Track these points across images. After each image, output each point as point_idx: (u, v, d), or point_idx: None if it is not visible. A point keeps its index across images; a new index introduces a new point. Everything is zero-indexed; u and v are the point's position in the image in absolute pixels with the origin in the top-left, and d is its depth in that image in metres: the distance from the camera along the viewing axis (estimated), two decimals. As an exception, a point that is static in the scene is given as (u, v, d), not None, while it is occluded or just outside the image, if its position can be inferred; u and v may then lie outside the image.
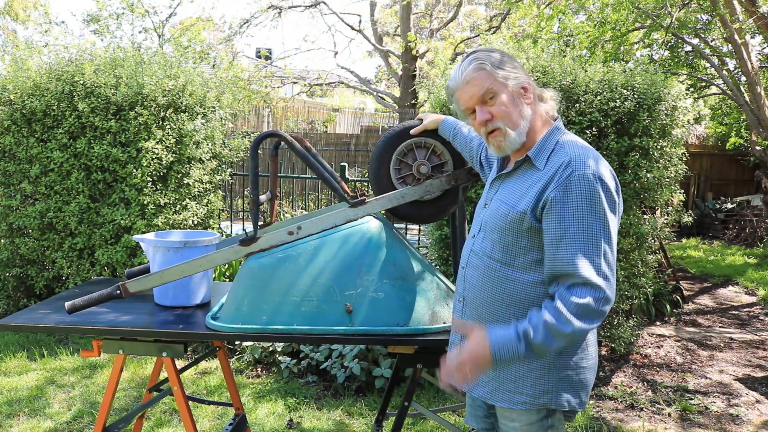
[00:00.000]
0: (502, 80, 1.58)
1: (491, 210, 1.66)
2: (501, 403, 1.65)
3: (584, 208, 1.47)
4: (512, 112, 1.59)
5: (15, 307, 4.99)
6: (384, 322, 2.04)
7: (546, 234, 1.52)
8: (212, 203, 5.21)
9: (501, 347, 1.48)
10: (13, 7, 20.81)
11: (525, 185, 1.59)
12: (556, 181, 1.50)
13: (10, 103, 4.67)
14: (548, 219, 1.51)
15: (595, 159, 1.53)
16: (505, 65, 1.59)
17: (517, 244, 1.58)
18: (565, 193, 1.49)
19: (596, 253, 1.47)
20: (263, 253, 2.08)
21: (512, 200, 1.60)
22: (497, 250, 1.61)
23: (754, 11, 6.08)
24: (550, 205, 1.50)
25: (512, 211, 1.58)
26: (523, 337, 1.47)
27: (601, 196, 1.48)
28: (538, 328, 1.47)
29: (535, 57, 4.01)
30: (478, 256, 1.68)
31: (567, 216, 1.48)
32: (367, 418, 3.51)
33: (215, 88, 5.23)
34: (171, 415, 3.50)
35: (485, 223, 1.67)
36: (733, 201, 11.33)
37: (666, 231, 4.47)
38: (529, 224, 1.55)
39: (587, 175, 1.48)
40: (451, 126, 2.17)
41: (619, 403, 3.85)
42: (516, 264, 1.59)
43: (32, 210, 4.65)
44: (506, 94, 1.58)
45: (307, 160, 2.14)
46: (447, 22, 15.83)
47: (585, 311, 1.46)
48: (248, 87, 10.92)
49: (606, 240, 1.48)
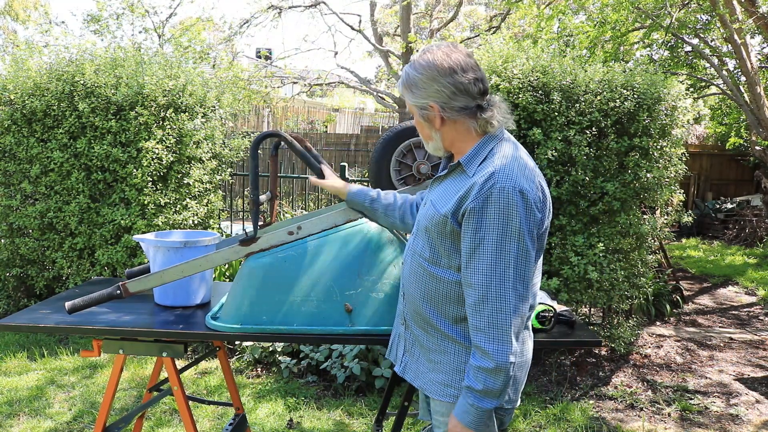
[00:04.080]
0: (411, 104, 1.67)
1: (423, 210, 1.73)
2: (434, 395, 1.71)
3: (500, 219, 1.50)
4: (422, 132, 1.71)
5: (15, 307, 4.99)
6: (384, 322, 2.04)
7: (463, 240, 1.57)
8: (212, 203, 5.21)
9: (464, 414, 1.57)
10: (13, 7, 20.81)
11: (453, 189, 1.63)
12: (476, 191, 1.53)
13: (11, 103, 4.67)
14: (466, 227, 1.55)
15: (521, 170, 1.54)
16: (417, 87, 1.62)
17: (442, 245, 1.63)
18: (484, 205, 1.51)
19: (507, 266, 1.51)
20: (263, 253, 2.08)
21: (439, 203, 1.65)
22: (426, 249, 1.68)
23: (753, 11, 6.08)
24: (468, 213, 1.54)
25: (437, 214, 1.63)
26: (469, 394, 1.56)
27: (518, 210, 1.50)
28: (468, 375, 1.57)
29: (535, 57, 4.01)
30: (410, 252, 1.75)
31: (483, 226, 1.52)
32: (367, 418, 3.52)
33: (215, 88, 5.23)
34: (171, 415, 3.50)
35: (418, 223, 1.74)
36: (732, 201, 11.32)
37: (666, 231, 4.47)
38: (451, 228, 1.59)
39: (507, 188, 1.50)
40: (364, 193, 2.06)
41: (619, 403, 3.85)
42: (441, 263, 1.64)
43: (32, 210, 4.65)
44: (415, 115, 1.68)
45: (307, 160, 2.14)
46: (447, 22, 15.82)
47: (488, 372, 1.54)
48: (248, 87, 10.91)
49: (520, 252, 1.52)
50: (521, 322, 1.55)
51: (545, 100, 3.87)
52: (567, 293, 4.01)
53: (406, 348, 1.83)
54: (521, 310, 1.54)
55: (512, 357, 1.52)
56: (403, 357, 1.84)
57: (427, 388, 1.73)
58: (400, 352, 1.86)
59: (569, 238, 4.00)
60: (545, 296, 2.28)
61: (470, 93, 1.60)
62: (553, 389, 4.00)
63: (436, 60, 1.60)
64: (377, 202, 1.99)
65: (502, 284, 1.51)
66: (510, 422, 1.80)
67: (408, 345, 1.82)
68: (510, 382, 1.57)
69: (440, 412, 1.72)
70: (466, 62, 1.60)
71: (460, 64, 1.59)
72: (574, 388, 4.03)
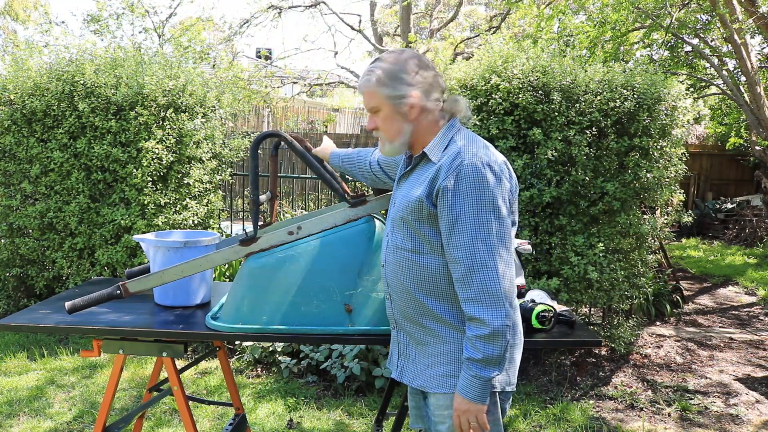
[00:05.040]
0: (384, 98, 1.68)
1: (396, 204, 1.77)
2: (436, 389, 1.72)
3: (473, 192, 1.58)
4: (390, 128, 1.71)
5: (15, 307, 4.99)
6: (384, 322, 2.04)
7: (441, 219, 1.63)
8: (212, 203, 5.21)
9: (468, 388, 1.62)
10: (13, 7, 20.80)
11: (422, 177, 1.70)
12: (445, 169, 1.62)
13: (11, 103, 4.67)
14: (441, 205, 1.62)
15: (485, 148, 1.66)
16: (393, 81, 1.67)
17: (421, 232, 1.68)
18: (456, 180, 1.59)
19: (487, 234, 1.58)
20: (263, 253, 2.08)
21: (411, 191, 1.70)
22: (407, 240, 1.71)
23: (753, 11, 6.08)
24: (442, 192, 1.61)
25: (411, 201, 1.68)
26: (470, 365, 1.60)
27: (489, 179, 1.58)
28: (467, 347, 1.62)
29: (535, 57, 4.01)
30: (391, 250, 1.77)
31: (458, 201, 1.59)
32: (367, 418, 3.52)
33: (215, 88, 5.23)
34: (171, 415, 3.50)
35: (393, 219, 1.77)
36: (733, 201, 11.32)
37: (666, 231, 4.47)
38: (428, 211, 1.65)
39: (474, 163, 1.59)
40: (337, 154, 2.21)
41: (619, 403, 3.85)
42: (424, 251, 1.69)
43: (32, 210, 4.65)
44: (387, 110, 1.69)
45: (306, 160, 2.14)
46: (447, 22, 15.83)
47: (485, 339, 1.59)
48: (248, 87, 10.90)
49: (496, 220, 1.59)
50: (510, 285, 1.60)
51: (545, 100, 3.87)
52: (567, 293, 4.01)
53: (400, 352, 1.83)
54: (508, 275, 1.60)
55: (507, 320, 1.58)
56: (398, 361, 1.84)
57: (428, 385, 1.74)
58: (395, 357, 1.86)
59: (569, 238, 4.00)
60: (545, 296, 2.28)
61: (440, 87, 1.73)
62: (553, 389, 4.00)
63: (410, 56, 1.70)
64: (346, 162, 2.16)
65: (486, 253, 1.57)
66: (510, 423, 1.81)
67: (402, 348, 1.82)
68: (507, 347, 1.62)
69: (443, 406, 1.72)
70: (431, 62, 1.74)
71: (430, 62, 1.74)
72: (574, 388, 4.03)
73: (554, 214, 4.06)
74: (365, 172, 2.13)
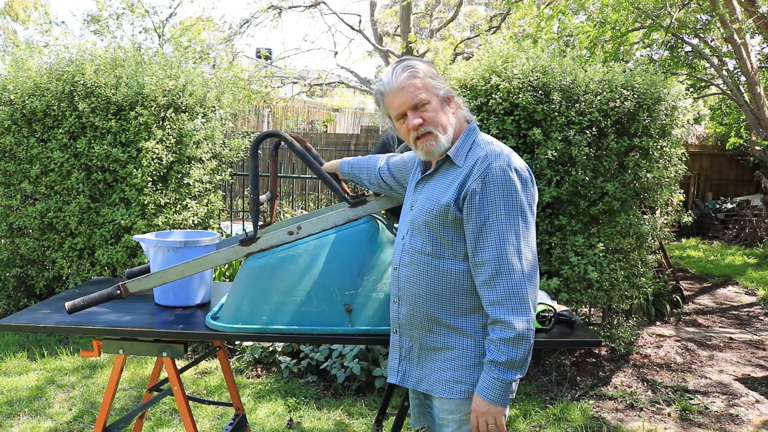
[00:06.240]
0: (434, 89, 1.70)
1: (418, 208, 1.76)
2: (442, 394, 1.72)
3: (502, 195, 1.59)
4: (442, 119, 1.71)
5: (15, 307, 4.99)
6: (384, 322, 2.03)
7: (467, 223, 1.63)
8: (212, 203, 5.21)
9: (489, 390, 1.62)
10: (13, 7, 20.81)
11: (447, 181, 1.70)
12: (474, 173, 1.63)
13: (11, 103, 4.67)
14: (469, 208, 1.62)
15: (509, 153, 1.67)
16: (435, 76, 1.72)
17: (445, 236, 1.68)
18: (484, 184, 1.61)
19: (515, 236, 1.59)
20: (263, 253, 2.08)
21: (436, 196, 1.71)
22: (427, 244, 1.71)
23: (753, 11, 6.08)
24: (470, 195, 1.62)
25: (437, 205, 1.68)
26: (493, 368, 1.61)
27: (516, 184, 1.60)
28: (490, 350, 1.62)
29: (535, 57, 4.01)
30: (409, 253, 1.75)
31: (486, 204, 1.60)
32: (367, 418, 3.52)
33: (215, 88, 5.23)
34: (171, 415, 3.50)
35: (413, 222, 1.75)
36: (732, 201, 11.33)
37: (666, 231, 4.47)
38: (453, 216, 1.66)
39: (502, 166, 1.61)
40: (346, 162, 2.19)
41: (619, 403, 3.85)
42: (445, 255, 1.69)
43: (32, 210, 4.65)
44: (436, 102, 1.70)
45: (306, 160, 2.14)
46: (447, 22, 15.82)
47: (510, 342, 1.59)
48: (248, 87, 10.90)
49: (524, 223, 1.61)
50: (534, 290, 1.62)
51: (545, 100, 3.87)
52: (567, 293, 4.01)
53: (402, 356, 1.82)
54: (534, 279, 1.62)
55: (532, 324, 1.59)
56: (399, 366, 1.82)
57: (434, 389, 1.73)
58: (395, 363, 1.83)
59: (569, 238, 4.00)
60: (545, 296, 2.28)
61: None
62: (553, 389, 4.00)
63: (431, 64, 1.75)
64: (356, 168, 2.13)
65: (514, 256, 1.58)
66: (510, 423, 1.82)
67: (404, 352, 1.81)
68: (531, 351, 1.62)
69: (449, 410, 1.72)
70: None
71: None
72: (574, 388, 4.03)
73: (554, 214, 4.06)
74: (373, 178, 2.10)
